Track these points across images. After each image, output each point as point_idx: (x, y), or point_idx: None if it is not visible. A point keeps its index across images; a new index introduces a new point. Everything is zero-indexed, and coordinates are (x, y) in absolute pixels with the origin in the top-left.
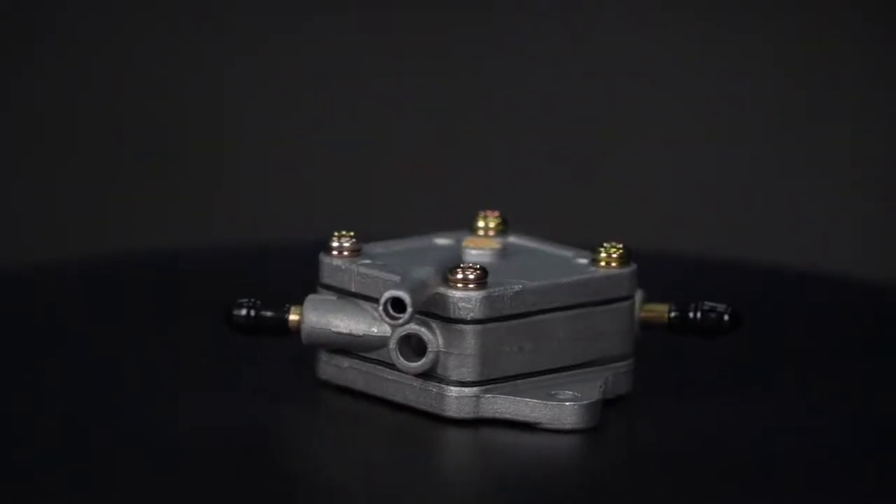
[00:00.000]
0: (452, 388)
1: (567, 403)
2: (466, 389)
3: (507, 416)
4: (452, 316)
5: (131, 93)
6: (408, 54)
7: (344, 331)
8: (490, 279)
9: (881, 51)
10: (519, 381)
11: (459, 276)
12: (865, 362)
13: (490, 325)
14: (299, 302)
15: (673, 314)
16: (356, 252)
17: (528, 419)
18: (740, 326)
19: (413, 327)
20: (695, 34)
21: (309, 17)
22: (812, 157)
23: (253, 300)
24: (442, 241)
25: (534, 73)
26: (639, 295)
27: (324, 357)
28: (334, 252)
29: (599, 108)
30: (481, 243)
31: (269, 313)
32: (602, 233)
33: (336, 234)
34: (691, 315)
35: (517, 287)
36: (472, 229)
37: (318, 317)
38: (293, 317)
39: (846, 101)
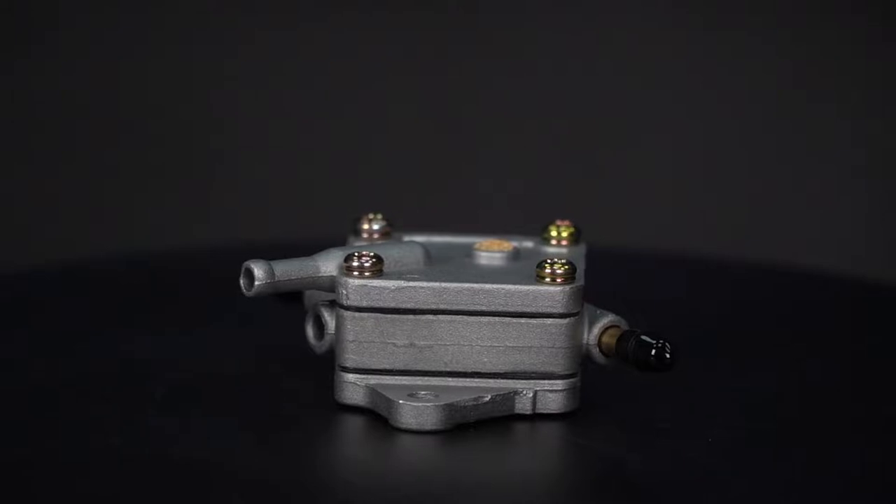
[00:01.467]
0: (342, 373)
1: (401, 402)
2: (350, 376)
3: (370, 406)
4: (338, 301)
5: (131, 93)
6: (407, 54)
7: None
8: (389, 270)
9: (881, 51)
10: (418, 378)
11: (355, 263)
12: (865, 362)
13: (367, 315)
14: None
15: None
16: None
17: (382, 413)
18: (670, 369)
19: (319, 308)
20: (694, 34)
21: (309, 18)
22: (812, 156)
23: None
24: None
25: (533, 72)
26: (601, 317)
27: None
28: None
29: (599, 108)
30: (492, 246)
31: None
32: (602, 232)
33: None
34: (628, 346)
35: (402, 283)
36: (545, 238)
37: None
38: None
39: (846, 100)
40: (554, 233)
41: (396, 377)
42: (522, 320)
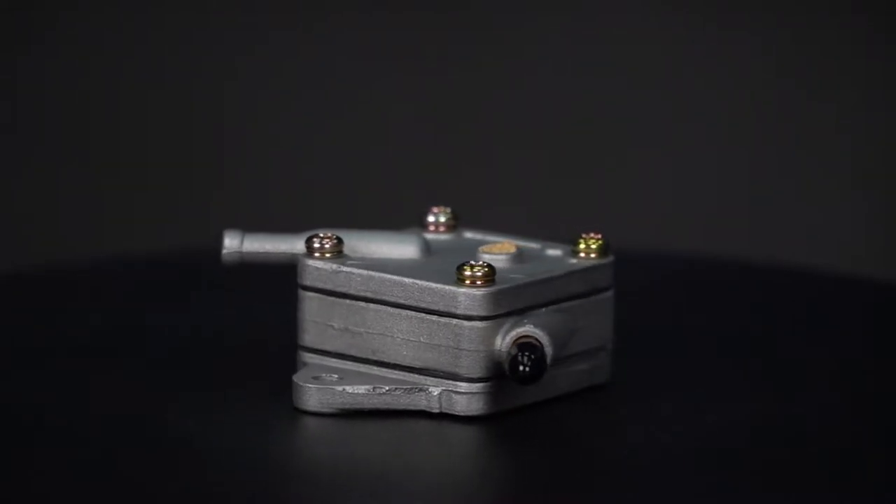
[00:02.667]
0: (300, 351)
1: (301, 383)
2: (307, 354)
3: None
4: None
5: (132, 93)
6: (406, 54)
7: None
8: (357, 256)
9: (881, 50)
10: (349, 363)
11: (316, 244)
12: (865, 362)
13: (312, 295)
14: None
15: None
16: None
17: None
18: (525, 383)
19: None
20: (694, 34)
21: (308, 18)
22: (812, 156)
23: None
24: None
25: (533, 72)
26: (520, 326)
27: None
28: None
29: (598, 108)
30: (497, 248)
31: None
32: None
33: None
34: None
35: (337, 267)
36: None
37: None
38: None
39: (847, 101)
40: (582, 245)
41: (334, 360)
42: (433, 318)
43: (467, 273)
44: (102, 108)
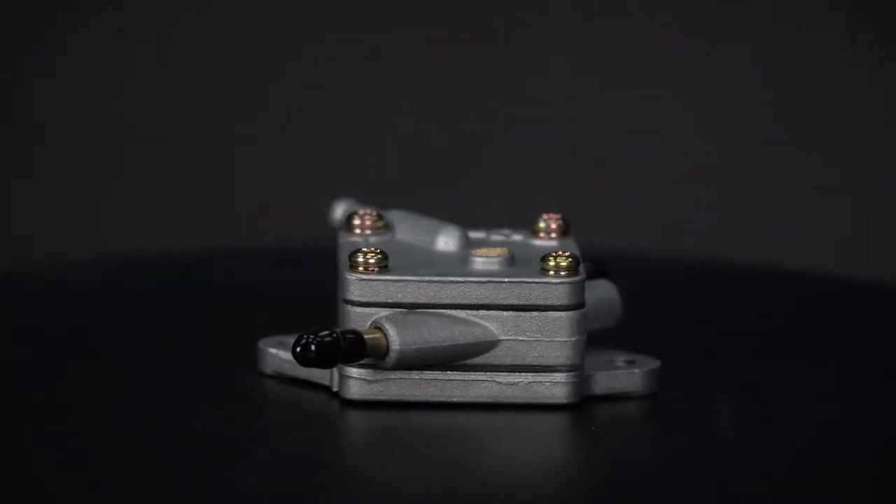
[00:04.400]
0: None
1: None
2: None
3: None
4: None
5: (131, 93)
6: (407, 53)
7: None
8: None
9: (881, 50)
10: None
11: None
12: (864, 362)
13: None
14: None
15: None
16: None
17: None
18: (302, 363)
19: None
20: (695, 33)
21: (308, 18)
22: (812, 156)
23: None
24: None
25: (533, 71)
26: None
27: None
28: (362, 269)
29: (598, 107)
30: (487, 252)
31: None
32: (602, 233)
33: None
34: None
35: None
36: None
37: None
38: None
39: (847, 101)
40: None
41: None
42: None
43: (359, 259)
44: (102, 108)
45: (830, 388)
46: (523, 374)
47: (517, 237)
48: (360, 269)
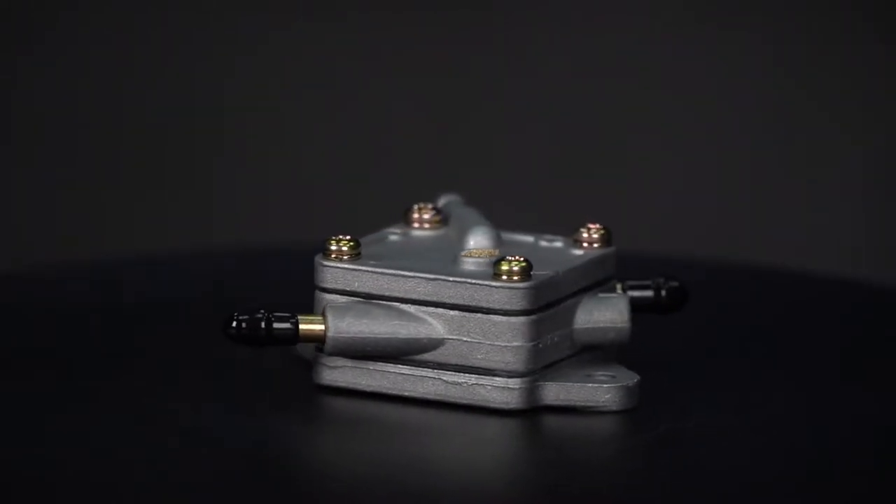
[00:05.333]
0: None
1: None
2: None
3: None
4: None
5: (131, 93)
6: (406, 53)
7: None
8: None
9: (882, 50)
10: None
11: (504, 268)
12: (864, 362)
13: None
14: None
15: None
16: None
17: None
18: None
19: None
20: (695, 33)
21: (308, 18)
22: (812, 156)
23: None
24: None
25: (533, 71)
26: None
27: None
28: (333, 255)
29: (598, 107)
30: (477, 253)
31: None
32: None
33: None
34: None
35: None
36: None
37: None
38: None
39: (847, 101)
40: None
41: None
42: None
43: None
44: (102, 108)
45: (830, 388)
46: (467, 374)
47: (557, 244)
48: (333, 256)
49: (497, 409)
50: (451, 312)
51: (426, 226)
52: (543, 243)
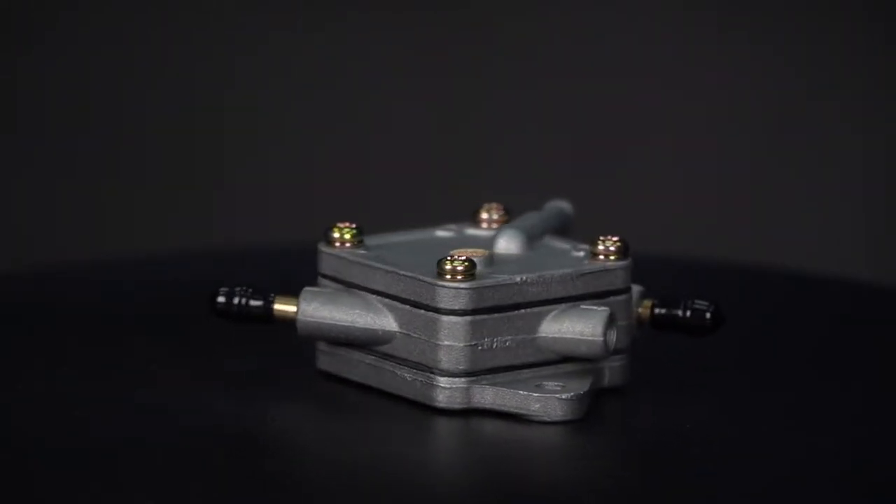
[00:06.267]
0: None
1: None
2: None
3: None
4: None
5: (131, 93)
6: (406, 53)
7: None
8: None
9: (882, 50)
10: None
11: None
12: (864, 363)
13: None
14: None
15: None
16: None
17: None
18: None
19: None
20: (695, 33)
21: (308, 19)
22: (812, 156)
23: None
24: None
25: (534, 71)
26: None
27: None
28: (336, 244)
29: (599, 107)
30: (470, 253)
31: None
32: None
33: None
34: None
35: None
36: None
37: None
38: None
39: (847, 101)
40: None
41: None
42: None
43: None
44: (103, 108)
45: (830, 388)
46: (412, 370)
47: (579, 253)
48: (336, 244)
49: (438, 409)
50: (404, 307)
51: (494, 225)
52: (575, 252)
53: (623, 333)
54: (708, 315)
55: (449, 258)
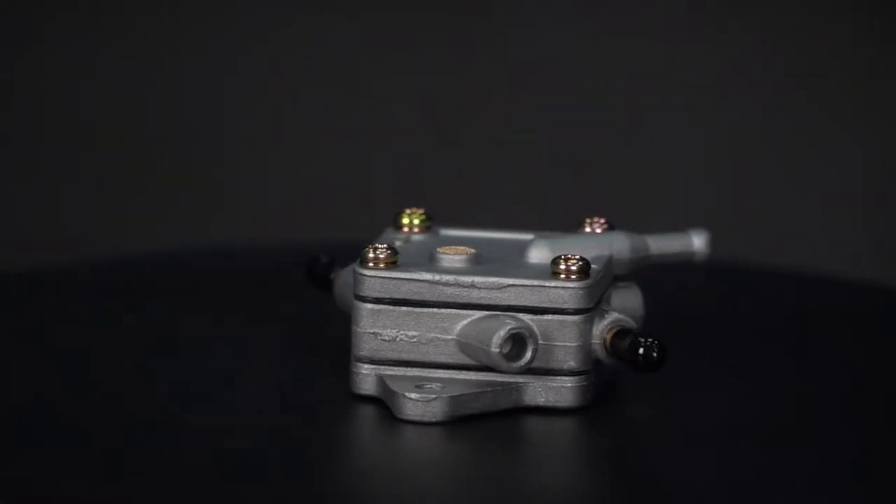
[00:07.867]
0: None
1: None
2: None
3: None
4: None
5: (131, 93)
6: (406, 52)
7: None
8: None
9: (882, 50)
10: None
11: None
12: (864, 363)
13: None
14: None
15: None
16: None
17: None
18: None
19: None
20: (695, 33)
21: (308, 18)
22: (812, 157)
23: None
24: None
25: (534, 71)
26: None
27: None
28: (371, 265)
29: (599, 107)
30: (454, 251)
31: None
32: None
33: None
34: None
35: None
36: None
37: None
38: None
39: (847, 101)
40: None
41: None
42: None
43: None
44: (102, 108)
45: (830, 388)
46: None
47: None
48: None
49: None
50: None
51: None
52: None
53: (573, 354)
54: (640, 351)
55: (372, 247)
